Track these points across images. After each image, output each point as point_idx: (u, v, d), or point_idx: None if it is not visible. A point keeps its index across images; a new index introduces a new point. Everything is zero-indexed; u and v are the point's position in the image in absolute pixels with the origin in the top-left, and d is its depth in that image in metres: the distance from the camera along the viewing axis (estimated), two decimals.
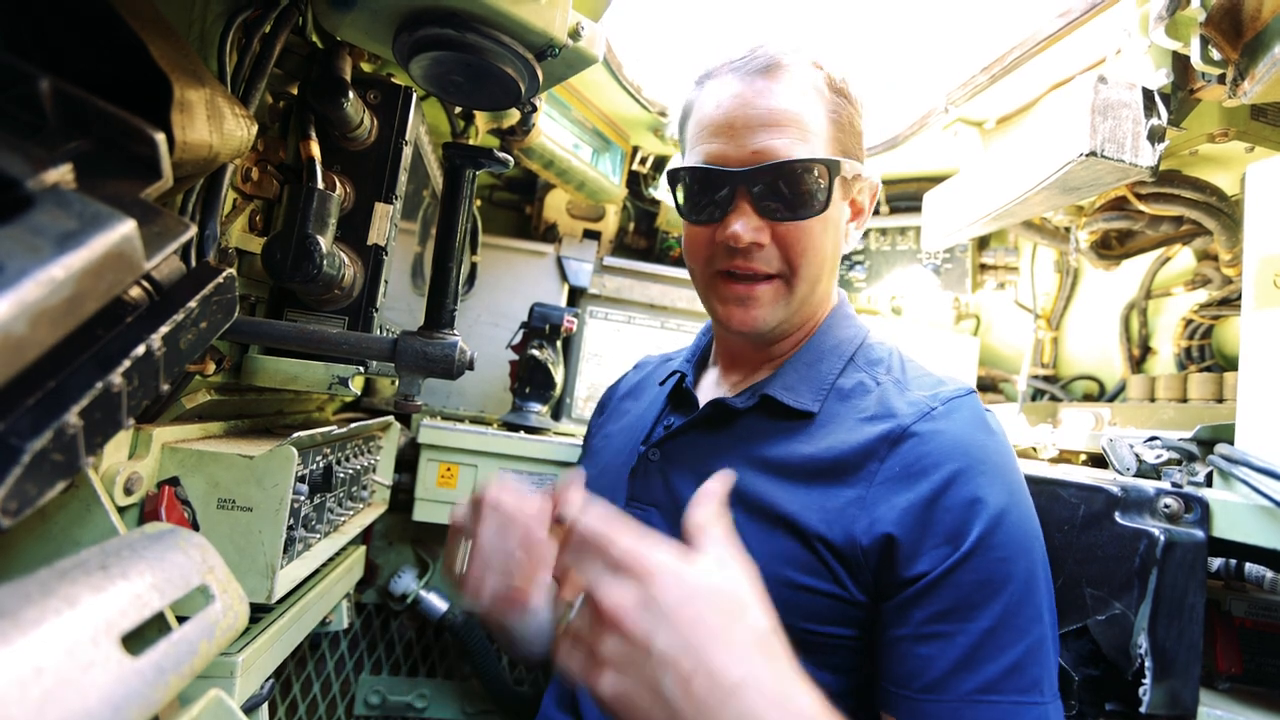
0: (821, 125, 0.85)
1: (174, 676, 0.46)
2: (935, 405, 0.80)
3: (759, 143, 0.82)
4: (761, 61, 0.85)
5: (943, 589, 0.71)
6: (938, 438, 0.78)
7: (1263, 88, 0.90)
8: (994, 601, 0.70)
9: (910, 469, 0.76)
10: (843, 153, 0.88)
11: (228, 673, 0.73)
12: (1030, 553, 0.74)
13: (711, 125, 0.86)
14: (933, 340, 1.89)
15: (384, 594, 1.59)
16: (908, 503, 0.74)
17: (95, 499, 0.61)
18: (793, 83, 0.84)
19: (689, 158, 0.90)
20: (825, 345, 0.92)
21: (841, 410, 0.85)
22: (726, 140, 0.84)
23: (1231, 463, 0.78)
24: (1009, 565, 0.71)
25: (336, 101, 0.82)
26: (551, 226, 1.93)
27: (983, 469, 0.76)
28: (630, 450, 1.01)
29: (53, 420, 0.37)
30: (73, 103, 0.42)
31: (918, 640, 0.71)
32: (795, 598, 0.77)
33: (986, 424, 0.81)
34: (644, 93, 1.55)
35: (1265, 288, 0.79)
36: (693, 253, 0.92)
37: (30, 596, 0.38)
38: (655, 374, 1.17)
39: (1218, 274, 1.41)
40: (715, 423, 0.92)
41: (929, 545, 0.72)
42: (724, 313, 0.90)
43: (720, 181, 0.84)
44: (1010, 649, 0.68)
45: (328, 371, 0.87)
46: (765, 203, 0.84)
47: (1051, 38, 1.19)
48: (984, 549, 0.71)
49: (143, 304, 0.46)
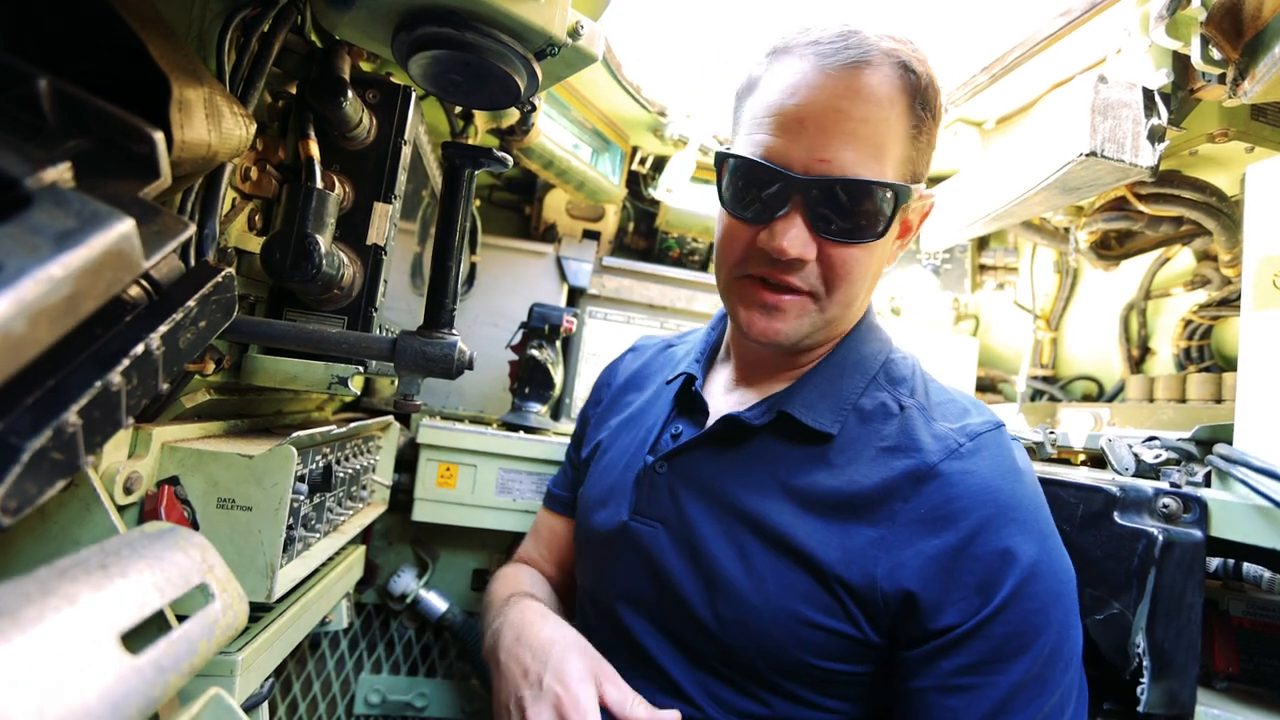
0: (899, 142, 0.77)
1: (174, 675, 0.46)
2: (963, 442, 0.76)
3: (830, 151, 0.73)
4: (853, 54, 0.74)
5: (973, 642, 0.69)
6: (965, 480, 0.74)
7: (1263, 87, 0.90)
8: (1025, 655, 0.68)
9: (937, 512, 0.73)
10: (912, 175, 0.80)
11: (227, 671, 0.73)
12: (1063, 599, 0.72)
13: (780, 115, 0.76)
14: (932, 341, 1.89)
15: (383, 593, 1.59)
16: (934, 550, 0.72)
17: (95, 498, 0.61)
18: (881, 88, 0.74)
19: (745, 144, 0.80)
20: (849, 360, 0.87)
21: (862, 434, 0.81)
22: (794, 137, 0.75)
23: (1230, 463, 0.78)
24: (1042, 617, 0.69)
25: (335, 101, 0.82)
26: (551, 226, 1.93)
27: (1013, 516, 0.72)
28: (635, 454, 0.97)
29: (52, 419, 0.37)
30: (71, 102, 0.42)
31: (945, 692, 0.69)
32: (808, 634, 0.75)
33: (1015, 464, 0.78)
34: (643, 92, 1.55)
35: (1264, 288, 0.79)
36: (726, 247, 0.84)
37: (30, 595, 0.38)
38: (656, 362, 1.13)
39: (1217, 274, 1.42)
40: (728, 440, 0.87)
41: (956, 597, 0.70)
42: (745, 318, 0.83)
43: (774, 181, 0.76)
44: (1039, 700, 0.67)
45: (327, 371, 0.87)
46: (819, 217, 0.76)
47: (1052, 37, 1.19)
48: (1016, 602, 0.69)
49: (142, 303, 0.46)
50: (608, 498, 0.97)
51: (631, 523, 0.91)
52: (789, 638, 0.76)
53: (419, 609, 1.57)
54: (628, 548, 0.91)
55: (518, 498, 1.44)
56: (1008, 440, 0.80)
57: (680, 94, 1.63)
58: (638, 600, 0.89)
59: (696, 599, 0.82)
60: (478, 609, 1.64)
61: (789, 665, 0.77)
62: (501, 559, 1.65)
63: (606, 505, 0.97)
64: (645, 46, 1.57)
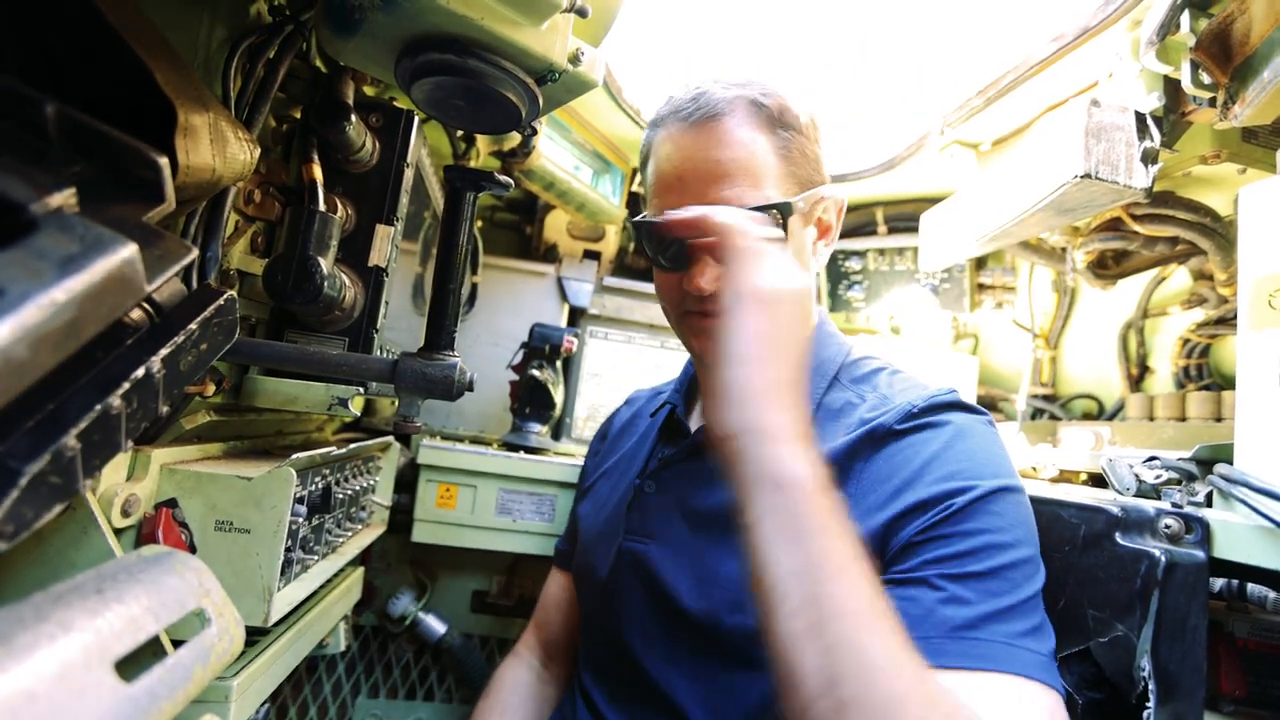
0: (771, 165, 0.84)
1: (168, 703, 0.45)
2: (920, 405, 0.81)
3: (711, 196, 0.82)
4: (704, 111, 0.84)
5: (934, 540, 0.70)
6: (922, 435, 0.78)
7: (1253, 111, 0.91)
8: (985, 552, 0.68)
9: (893, 462, 0.77)
10: (798, 185, 0.87)
11: (223, 697, 0.72)
12: (1021, 514, 0.73)
13: (663, 178, 0.87)
14: (932, 359, 1.89)
15: (382, 616, 1.57)
16: (895, 486, 0.75)
17: (92, 521, 0.60)
18: (736, 129, 0.84)
19: (648, 209, 0.91)
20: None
21: (829, 429, 0.86)
22: (679, 195, 0.84)
23: (1231, 483, 0.77)
24: (1000, 519, 0.71)
25: (339, 125, 0.83)
26: (552, 247, 1.94)
27: (966, 445, 0.76)
28: (627, 484, 1.01)
29: (51, 443, 0.37)
30: (77, 127, 0.43)
31: (904, 584, 0.69)
32: None
33: (974, 422, 0.81)
34: (643, 115, 1.56)
35: (1260, 308, 0.79)
36: (664, 295, 0.93)
37: (24, 621, 0.38)
38: (647, 408, 1.18)
39: (1214, 293, 1.42)
40: (706, 450, 0.92)
41: (916, 514, 0.72)
42: (699, 346, 0.90)
43: (676, 237, 0.84)
44: (1002, 596, 0.66)
45: (327, 392, 0.87)
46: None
47: (1045, 62, 1.21)
48: (977, 504, 0.71)
49: (143, 326, 0.47)
50: (604, 531, 1.01)
51: (625, 543, 0.94)
52: None
53: (418, 631, 1.55)
54: (624, 571, 0.93)
55: (518, 518, 1.43)
56: (961, 400, 0.83)
57: None
58: (635, 622, 0.90)
59: (690, 597, 0.84)
60: (477, 631, 1.63)
61: None
62: (502, 581, 1.64)
63: (603, 538, 1.00)
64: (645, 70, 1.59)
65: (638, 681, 0.88)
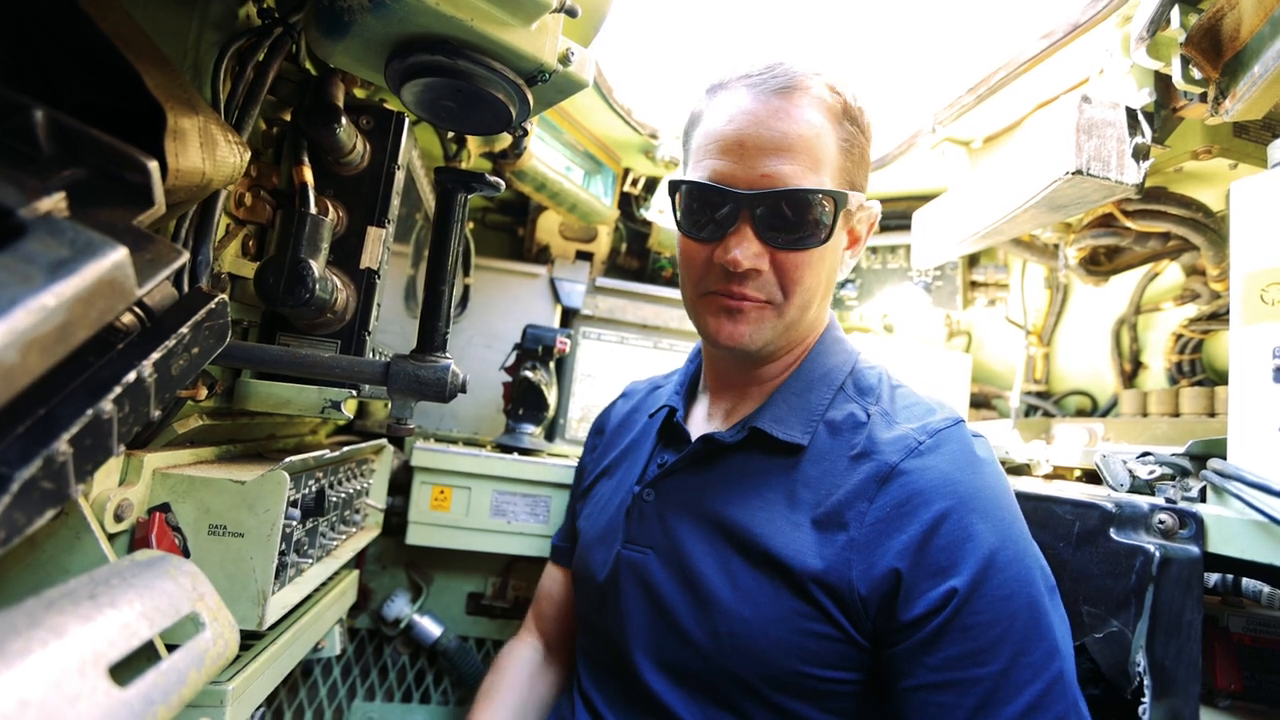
0: (832, 154, 0.83)
1: (162, 707, 0.45)
2: (922, 440, 0.79)
3: (769, 166, 0.80)
4: (780, 81, 0.82)
5: (950, 634, 0.70)
6: (925, 475, 0.76)
7: (1244, 106, 0.92)
8: (1004, 643, 0.69)
9: (900, 509, 0.75)
10: (849, 184, 0.86)
11: (218, 701, 0.72)
12: (1031, 585, 0.72)
13: (721, 141, 0.83)
14: (925, 357, 1.90)
15: (377, 619, 1.57)
16: (900, 545, 0.74)
17: (85, 526, 0.60)
18: (809, 107, 0.82)
19: (693, 171, 0.87)
20: (815, 373, 0.91)
21: (833, 446, 0.84)
22: (736, 159, 0.81)
23: (1224, 478, 0.78)
24: (1011, 603, 0.70)
25: (329, 127, 0.83)
26: (544, 248, 1.94)
27: (973, 505, 0.74)
28: (626, 489, 1.00)
29: (42, 448, 0.37)
30: (66, 132, 0.43)
31: (933, 689, 0.70)
32: (798, 642, 0.76)
33: (975, 456, 0.80)
34: (634, 115, 1.56)
35: (1252, 303, 0.79)
36: (687, 268, 0.90)
37: (17, 627, 0.38)
38: (645, 404, 1.17)
39: (1206, 289, 1.43)
40: (707, 459, 0.91)
41: (925, 586, 0.71)
42: (713, 326, 0.87)
43: (724, 201, 0.82)
44: (1027, 688, 0.67)
45: (320, 395, 0.87)
46: (767, 228, 0.82)
47: (1035, 58, 1.21)
48: (984, 590, 0.70)
49: (134, 330, 0.46)
50: (603, 534, 1.00)
51: (624, 551, 0.93)
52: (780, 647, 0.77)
53: (413, 634, 1.55)
54: (623, 578, 0.92)
55: (512, 520, 1.43)
56: (967, 434, 0.82)
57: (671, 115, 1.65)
58: (635, 630, 0.89)
59: (690, 620, 0.83)
60: (472, 634, 1.62)
61: (784, 677, 0.77)
62: (497, 583, 1.64)
63: (603, 541, 0.99)
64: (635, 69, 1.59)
65: (638, 690, 0.87)
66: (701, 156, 0.85)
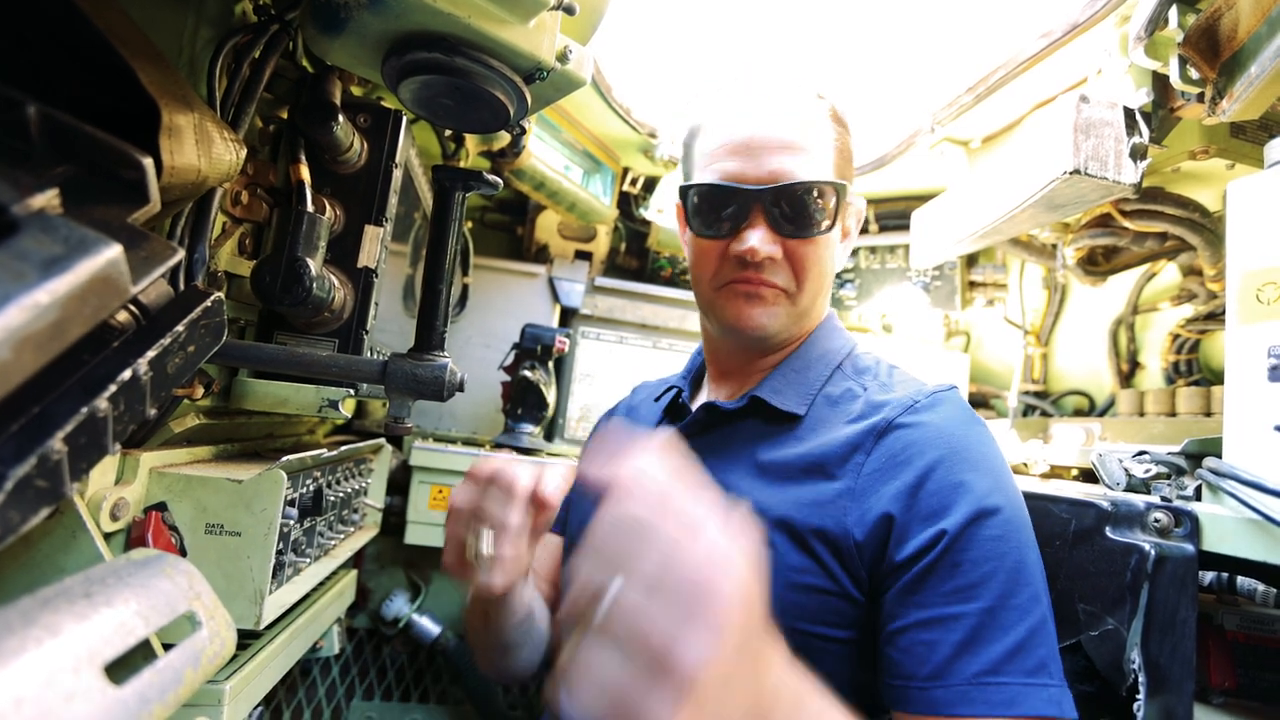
0: (827, 152, 0.89)
1: (158, 706, 0.45)
2: (919, 399, 0.82)
3: (776, 163, 0.86)
4: (775, 89, 0.90)
5: (938, 571, 0.71)
6: (921, 428, 0.79)
7: (1241, 106, 0.92)
8: (991, 580, 0.70)
9: (895, 459, 0.78)
10: (842, 179, 0.91)
11: (215, 701, 0.72)
12: (1020, 531, 0.74)
13: (729, 144, 0.89)
14: (923, 357, 1.90)
15: (376, 618, 1.57)
16: (894, 491, 0.76)
17: (81, 525, 0.60)
18: (808, 107, 0.89)
19: (703, 174, 0.92)
20: (813, 354, 0.95)
21: (830, 415, 0.87)
22: (745, 159, 0.87)
23: (1220, 476, 0.78)
24: (1001, 544, 0.72)
25: (326, 125, 0.83)
26: (543, 247, 1.94)
27: (966, 456, 0.77)
28: None
29: (37, 447, 0.37)
30: (60, 128, 0.43)
31: (919, 627, 0.71)
32: (791, 597, 0.77)
33: (971, 416, 0.83)
34: (633, 114, 1.56)
35: (1248, 303, 0.79)
36: (701, 265, 0.94)
37: (11, 625, 0.38)
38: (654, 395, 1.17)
39: (1203, 289, 1.43)
40: (708, 426, 0.94)
41: (916, 529, 0.73)
42: (733, 312, 0.90)
43: (736, 198, 0.87)
44: (1013, 629, 0.68)
45: (318, 394, 0.87)
46: (778, 220, 0.87)
47: (1034, 58, 1.21)
48: (975, 530, 0.72)
49: (130, 328, 0.46)
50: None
51: None
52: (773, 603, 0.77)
53: (411, 634, 1.55)
54: None
55: None
56: (961, 398, 0.86)
57: (670, 115, 1.65)
58: None
59: None
60: None
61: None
62: None
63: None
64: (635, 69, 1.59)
65: None
66: (709, 161, 0.91)
